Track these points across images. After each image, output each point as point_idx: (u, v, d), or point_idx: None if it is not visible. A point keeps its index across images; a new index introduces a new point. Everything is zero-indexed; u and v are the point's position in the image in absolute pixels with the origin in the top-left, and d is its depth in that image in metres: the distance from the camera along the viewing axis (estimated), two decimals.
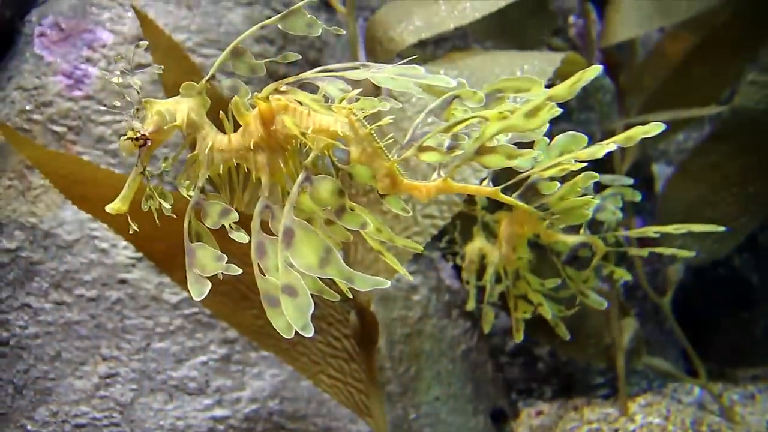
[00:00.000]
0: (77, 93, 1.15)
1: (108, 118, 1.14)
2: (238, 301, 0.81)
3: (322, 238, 0.40)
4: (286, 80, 0.43)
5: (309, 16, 0.42)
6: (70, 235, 1.10)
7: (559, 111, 0.40)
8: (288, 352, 0.83)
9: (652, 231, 0.75)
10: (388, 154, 0.43)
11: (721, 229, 0.69)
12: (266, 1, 1.25)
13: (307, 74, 0.43)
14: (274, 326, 0.40)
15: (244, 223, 0.44)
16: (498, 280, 0.84)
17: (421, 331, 1.21)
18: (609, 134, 1.29)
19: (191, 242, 0.43)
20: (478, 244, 0.90)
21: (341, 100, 0.42)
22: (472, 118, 0.40)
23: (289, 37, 1.20)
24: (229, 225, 0.44)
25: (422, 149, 0.41)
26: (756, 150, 1.21)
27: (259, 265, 0.42)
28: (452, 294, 1.27)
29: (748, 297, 1.52)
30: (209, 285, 0.43)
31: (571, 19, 1.41)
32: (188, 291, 0.83)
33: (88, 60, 1.16)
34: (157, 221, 0.46)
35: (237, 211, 0.44)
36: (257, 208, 0.43)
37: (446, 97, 0.42)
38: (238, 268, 0.43)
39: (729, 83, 1.31)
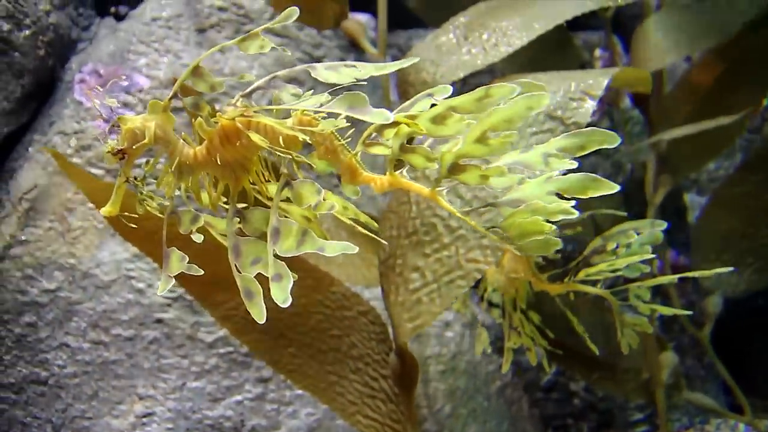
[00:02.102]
0: (115, 137, 1.18)
1: (143, 159, 1.17)
2: (276, 339, 0.82)
3: (299, 226, 0.44)
4: (241, 94, 0.46)
5: (263, 39, 0.46)
6: (107, 276, 1.12)
7: (465, 121, 0.41)
8: (325, 391, 0.83)
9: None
10: (349, 150, 0.47)
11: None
12: (297, 44, 1.28)
13: (260, 82, 0.46)
14: (252, 314, 0.45)
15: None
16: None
17: (455, 368, 1.19)
18: (641, 167, 1.28)
19: (167, 247, 0.47)
20: None
21: (302, 112, 0.46)
22: (404, 123, 0.44)
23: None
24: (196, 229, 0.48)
25: (368, 144, 0.45)
26: None
27: (236, 265, 0.46)
28: (485, 329, 1.26)
29: None
30: (173, 281, 0.47)
31: (597, 52, 1.42)
32: (225, 327, 0.84)
33: (126, 105, 1.20)
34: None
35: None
36: (229, 214, 0.46)
37: (419, 96, 0.45)
38: (200, 269, 0.46)
39: (758, 111, 1.29)
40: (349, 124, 0.46)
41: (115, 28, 1.30)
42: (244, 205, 0.48)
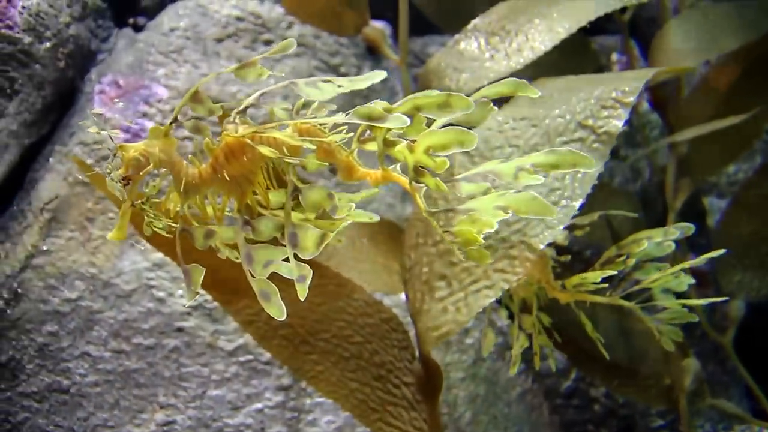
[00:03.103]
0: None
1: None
2: (298, 345, 0.82)
3: (316, 230, 0.47)
4: (236, 111, 0.48)
5: (260, 67, 0.47)
6: (128, 285, 1.12)
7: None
8: (347, 398, 0.82)
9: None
10: (345, 149, 0.50)
11: None
12: (313, 53, 1.29)
13: (251, 99, 0.49)
14: (270, 313, 0.47)
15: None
16: (526, 310, 0.82)
17: (475, 374, 1.19)
18: (660, 171, 1.27)
19: (186, 264, 0.48)
20: None
21: (302, 123, 0.49)
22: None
23: None
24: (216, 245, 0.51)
25: (362, 141, 0.48)
26: None
27: (250, 271, 0.48)
28: (505, 336, 1.26)
29: None
30: (198, 294, 0.49)
31: (614, 56, 1.41)
32: (248, 333, 0.84)
33: (145, 115, 1.21)
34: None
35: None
36: (238, 225, 0.48)
37: (409, 97, 0.47)
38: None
39: None
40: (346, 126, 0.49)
41: (133, 39, 1.32)
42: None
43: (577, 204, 0.61)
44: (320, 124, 0.49)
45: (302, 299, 0.44)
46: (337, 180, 1.22)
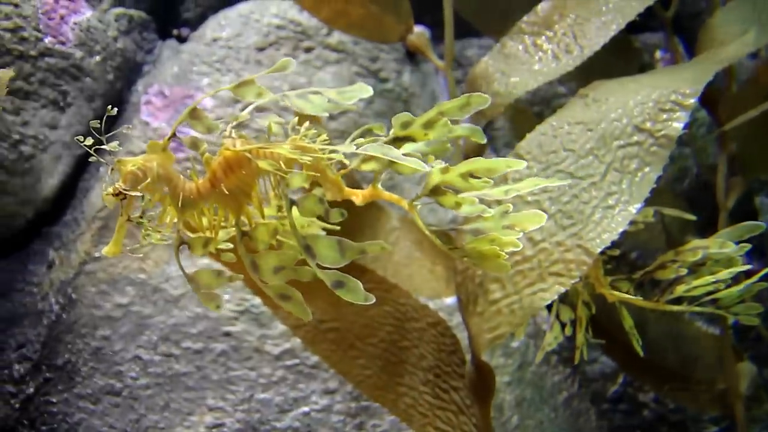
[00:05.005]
0: (180, 155, 1.22)
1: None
2: (346, 349, 0.82)
3: (330, 237, 0.47)
4: (231, 126, 0.49)
5: (258, 86, 0.49)
6: (176, 290, 1.15)
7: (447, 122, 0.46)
8: (395, 403, 0.83)
9: None
10: (334, 170, 0.52)
11: None
12: (353, 59, 1.30)
13: (245, 113, 0.50)
14: (294, 314, 0.48)
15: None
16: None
17: (521, 378, 1.18)
18: (708, 170, 1.24)
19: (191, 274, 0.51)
20: None
21: (301, 137, 0.50)
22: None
23: (376, 90, 1.24)
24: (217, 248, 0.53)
25: (364, 160, 0.50)
26: None
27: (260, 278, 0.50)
28: None
29: None
30: (222, 297, 0.52)
31: (658, 54, 1.38)
32: (297, 336, 0.86)
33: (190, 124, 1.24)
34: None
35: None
36: (237, 236, 0.49)
37: (430, 111, 0.48)
38: (241, 275, 0.51)
39: None
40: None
41: (177, 50, 1.35)
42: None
43: (634, 208, 0.61)
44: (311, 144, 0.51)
45: (368, 303, 0.44)
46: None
